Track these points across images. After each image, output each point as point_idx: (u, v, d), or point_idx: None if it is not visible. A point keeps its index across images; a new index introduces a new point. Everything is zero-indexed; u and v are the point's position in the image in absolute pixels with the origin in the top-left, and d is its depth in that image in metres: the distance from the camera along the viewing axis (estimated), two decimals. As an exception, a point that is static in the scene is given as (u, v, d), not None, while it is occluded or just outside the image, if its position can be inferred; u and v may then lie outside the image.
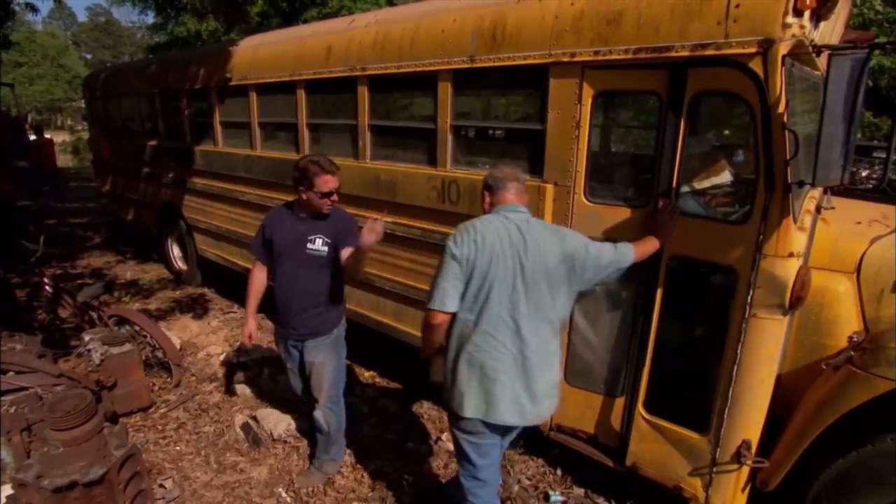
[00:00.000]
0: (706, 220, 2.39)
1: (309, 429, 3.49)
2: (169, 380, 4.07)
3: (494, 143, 3.34)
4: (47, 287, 4.64)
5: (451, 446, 3.36)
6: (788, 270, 2.10)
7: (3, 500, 2.50)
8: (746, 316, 2.18)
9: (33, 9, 10.47)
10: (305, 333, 2.82)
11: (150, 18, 20.58)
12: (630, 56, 2.34)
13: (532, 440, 3.25)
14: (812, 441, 2.13)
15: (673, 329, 2.53)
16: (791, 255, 2.09)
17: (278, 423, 3.45)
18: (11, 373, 3.08)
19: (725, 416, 2.29)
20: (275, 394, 3.92)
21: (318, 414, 2.94)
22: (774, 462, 2.27)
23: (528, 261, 2.01)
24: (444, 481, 3.00)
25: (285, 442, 3.37)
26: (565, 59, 2.57)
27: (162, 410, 3.75)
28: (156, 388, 3.99)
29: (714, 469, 2.38)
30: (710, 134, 3.30)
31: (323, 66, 3.80)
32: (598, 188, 2.71)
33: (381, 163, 3.59)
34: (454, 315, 2.08)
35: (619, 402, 2.74)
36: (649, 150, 2.83)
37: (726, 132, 3.50)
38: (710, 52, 2.11)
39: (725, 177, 2.81)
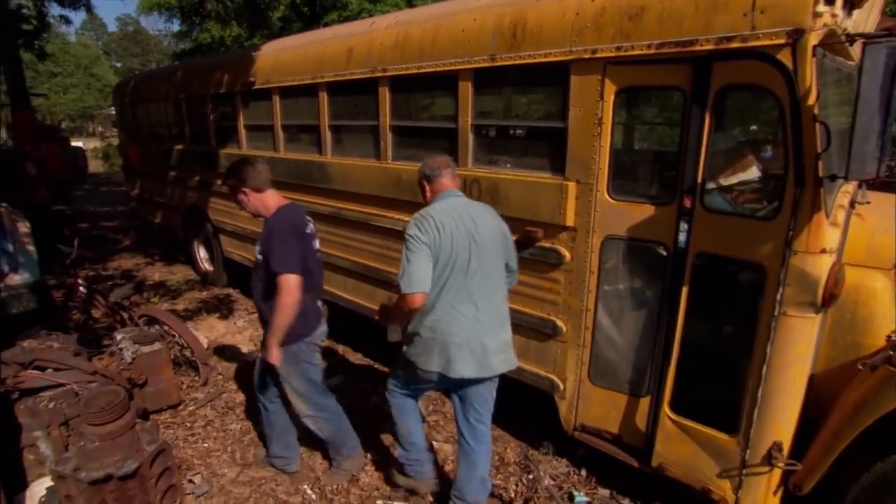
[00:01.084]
0: (733, 216, 2.35)
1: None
2: (197, 378, 4.16)
3: (515, 142, 3.34)
4: (81, 288, 4.80)
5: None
6: (820, 267, 2.05)
7: (44, 492, 2.59)
8: (776, 314, 2.12)
9: (67, 21, 10.88)
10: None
11: (176, 26, 21.14)
12: (653, 51, 2.31)
13: (557, 440, 3.23)
14: (849, 444, 2.07)
15: (699, 327, 2.48)
16: (823, 251, 2.03)
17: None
18: (50, 370, 3.19)
19: (755, 416, 2.24)
20: (299, 392, 3.97)
21: (307, 422, 2.92)
22: (808, 465, 2.21)
23: (479, 237, 2.35)
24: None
25: (310, 440, 3.41)
26: (587, 56, 2.55)
27: (190, 408, 3.84)
28: (184, 386, 4.08)
29: (744, 471, 2.33)
30: (736, 129, 3.24)
31: (344, 68, 3.84)
32: (622, 185, 2.69)
33: (402, 163, 3.61)
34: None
35: (644, 402, 2.70)
36: (673, 146, 2.79)
37: (753, 126, 3.43)
38: (735, 44, 2.07)
39: (752, 172, 2.75)
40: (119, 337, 3.83)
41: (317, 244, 2.83)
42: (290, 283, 2.50)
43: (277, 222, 2.66)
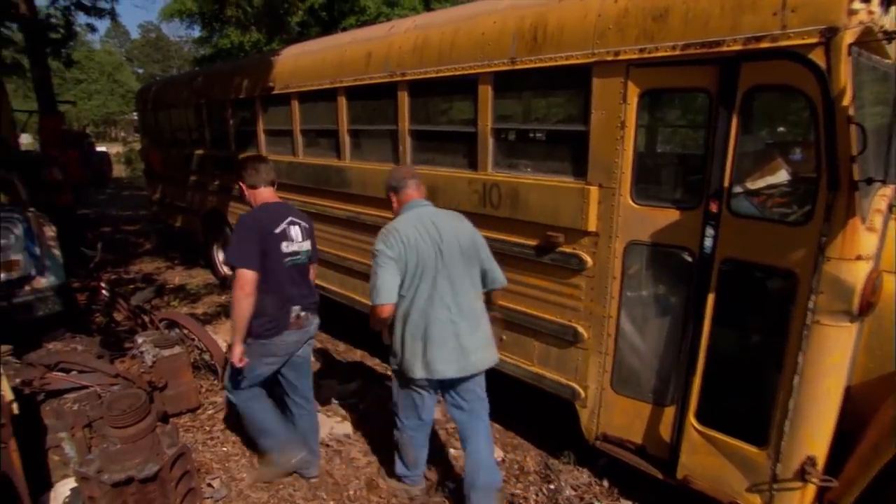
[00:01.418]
0: (761, 221, 2.29)
1: (352, 433, 3.55)
2: (216, 382, 4.21)
3: (536, 146, 3.32)
4: (104, 291, 4.90)
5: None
6: (856, 274, 1.98)
7: (69, 493, 2.64)
8: (808, 322, 2.07)
9: (92, 29, 11.20)
10: None
11: (197, 32, 21.58)
12: (678, 52, 2.28)
13: (578, 449, 3.19)
14: (890, 459, 2.00)
15: (726, 335, 2.43)
16: (859, 257, 1.97)
17: (321, 426, 3.50)
18: (74, 372, 3.26)
19: (786, 429, 2.18)
20: (318, 397, 3.99)
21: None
22: (845, 481, 2.13)
23: (444, 245, 2.48)
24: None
25: (327, 445, 3.43)
26: (609, 58, 2.52)
27: (209, 412, 3.88)
28: (203, 389, 4.13)
29: (775, 486, 2.26)
30: (764, 131, 3.17)
31: (363, 72, 3.87)
32: (645, 190, 2.65)
33: (421, 167, 3.60)
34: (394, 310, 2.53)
35: (669, 412, 2.65)
36: (698, 149, 2.74)
37: (782, 129, 3.36)
38: (765, 44, 2.02)
39: (782, 176, 2.68)
40: (140, 340, 3.89)
41: (288, 247, 2.73)
42: (242, 277, 2.57)
43: (245, 218, 2.72)
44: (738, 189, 2.36)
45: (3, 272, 4.22)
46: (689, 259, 2.47)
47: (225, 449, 3.47)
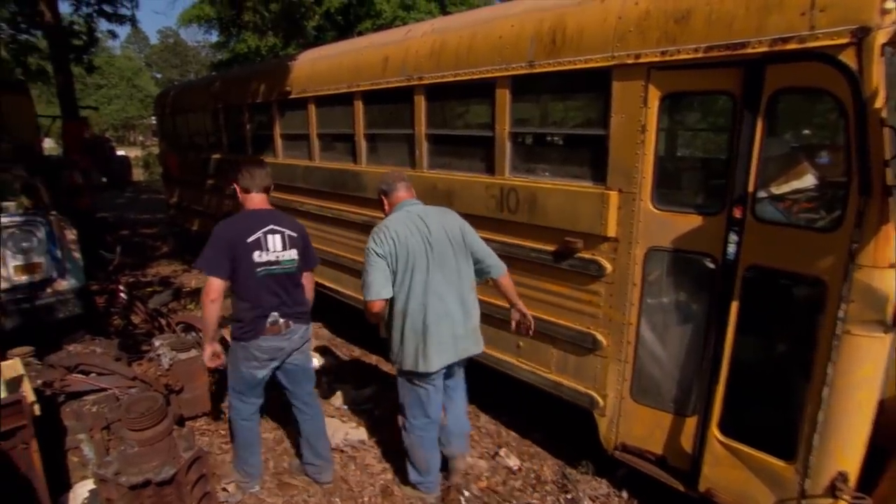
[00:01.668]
0: (787, 227, 2.25)
1: (367, 438, 3.55)
2: (232, 385, 4.24)
3: (554, 150, 3.30)
4: (122, 294, 4.99)
5: (510, 461, 3.31)
6: (889, 282, 1.93)
7: (87, 494, 2.68)
8: (838, 332, 2.01)
9: (113, 35, 11.48)
10: None
11: (214, 37, 21.97)
12: (701, 55, 2.25)
13: (596, 459, 3.15)
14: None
15: (750, 344, 2.38)
16: (893, 265, 1.92)
17: (336, 432, 3.52)
18: (93, 374, 3.31)
19: (816, 442, 2.12)
20: (333, 402, 4.01)
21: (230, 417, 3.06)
22: (880, 498, 2.08)
23: (433, 238, 2.62)
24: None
25: (342, 451, 3.43)
26: (630, 61, 2.50)
27: (225, 416, 3.91)
28: (219, 393, 4.17)
29: (803, 502, 2.20)
30: (790, 134, 3.11)
31: (380, 76, 3.89)
32: (666, 195, 2.62)
33: (438, 172, 3.63)
34: (392, 298, 2.65)
35: (691, 422, 2.60)
36: (721, 153, 2.71)
37: (807, 132, 3.29)
38: (792, 45, 1.99)
39: (808, 180, 2.63)
40: (157, 343, 3.95)
41: (260, 257, 2.71)
42: (208, 284, 2.66)
43: (219, 225, 2.76)
44: (762, 194, 2.32)
45: (27, 275, 4.32)
46: (712, 266, 2.43)
47: (240, 453, 3.49)
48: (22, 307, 4.31)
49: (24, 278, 4.34)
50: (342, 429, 3.57)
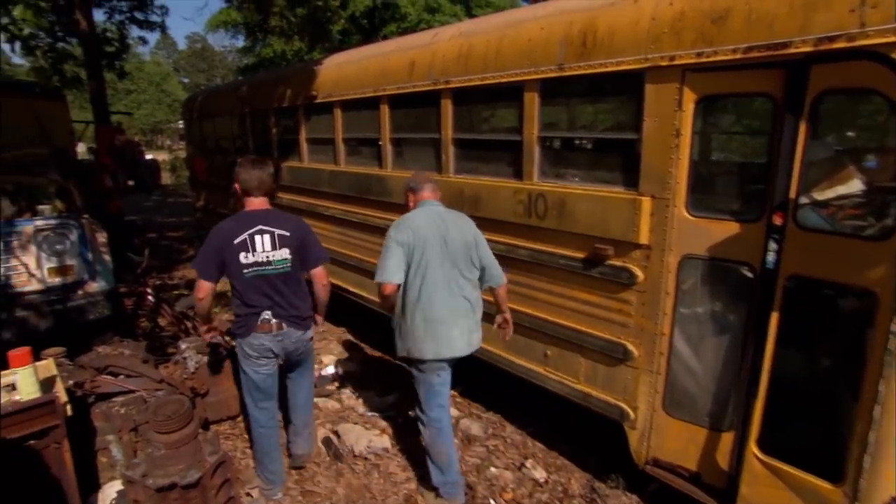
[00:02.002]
0: (832, 235, 2.18)
1: (390, 447, 3.56)
2: (256, 390, 4.31)
3: (584, 155, 3.28)
4: (150, 297, 5.12)
5: (536, 473, 3.29)
6: (944, 295, 1.86)
7: (115, 495, 2.75)
8: (891, 347, 1.94)
9: (144, 41, 11.87)
10: None
11: (241, 42, 22.52)
12: (739, 56, 2.21)
13: (626, 473, 3.09)
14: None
15: (792, 358, 2.31)
16: (947, 276, 1.85)
17: (359, 438, 3.54)
18: (122, 376, 3.41)
19: (867, 465, 2.04)
20: (356, 409, 4.04)
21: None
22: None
23: (449, 238, 2.82)
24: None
25: (366, 459, 3.45)
26: (664, 63, 2.47)
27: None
28: (244, 397, 4.24)
29: (850, 525, 2.13)
30: (833, 137, 3.02)
31: (406, 80, 3.93)
32: (702, 201, 2.57)
33: (464, 177, 3.64)
34: (405, 287, 2.84)
35: (727, 438, 2.54)
36: (761, 158, 2.64)
37: (853, 134, 3.19)
38: (839, 44, 1.93)
39: (855, 185, 2.54)
40: (183, 346, 4.04)
41: (247, 258, 2.76)
42: (197, 284, 2.82)
43: (213, 229, 2.85)
44: (805, 200, 2.26)
45: (59, 277, 4.48)
46: (750, 275, 2.37)
47: (264, 458, 3.54)
48: (55, 308, 4.48)
49: (57, 280, 4.50)
50: (365, 436, 3.59)
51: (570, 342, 3.14)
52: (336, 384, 4.44)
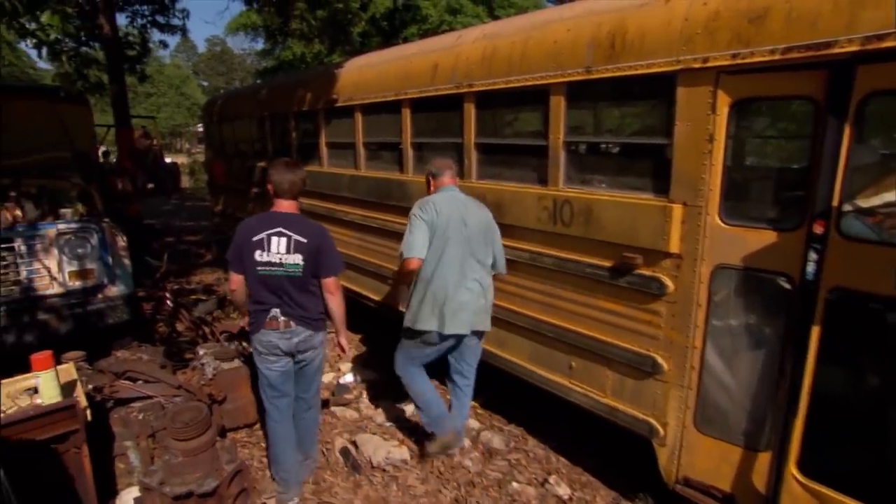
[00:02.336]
0: (879, 245, 2.12)
1: (409, 458, 3.56)
2: (273, 397, 4.35)
3: (612, 160, 3.25)
4: (168, 302, 5.22)
5: (560, 490, 3.25)
6: None
7: (132, 502, 2.80)
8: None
9: (164, 45, 12.15)
10: None
11: (260, 45, 22.96)
12: (778, 57, 2.17)
13: (655, 492, 3.04)
14: None
15: (835, 375, 2.25)
16: None
17: (377, 449, 3.55)
18: (140, 381, 3.48)
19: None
20: (375, 418, 4.05)
21: None
22: None
23: (469, 222, 3.15)
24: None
25: (384, 470, 3.45)
26: (696, 66, 2.44)
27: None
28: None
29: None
30: (879, 140, 2.94)
31: (429, 84, 3.95)
32: (736, 208, 2.52)
33: (487, 182, 3.64)
34: (421, 265, 3.14)
35: (764, 458, 2.48)
36: (800, 162, 2.59)
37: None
38: (889, 43, 1.88)
39: (902, 193, 2.47)
40: (201, 352, 4.11)
41: (261, 257, 2.89)
42: (230, 276, 3.07)
43: (240, 223, 3.05)
44: (848, 207, 2.19)
45: (80, 280, 4.59)
46: (788, 286, 2.32)
47: (280, 467, 3.57)
48: (75, 312, 4.59)
49: (77, 284, 4.61)
50: (384, 447, 3.59)
51: (597, 354, 3.10)
52: (354, 393, 4.46)
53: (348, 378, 4.67)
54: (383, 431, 3.88)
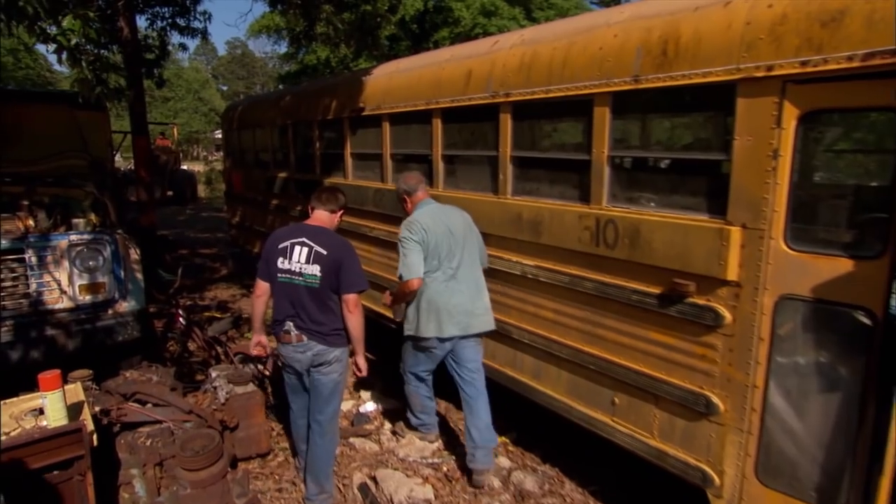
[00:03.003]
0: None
1: (434, 498, 3.50)
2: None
3: (661, 177, 3.21)
4: (181, 319, 5.30)
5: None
6: None
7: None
8: None
9: (184, 48, 12.57)
10: None
11: (283, 48, 23.59)
12: (856, 64, 2.10)
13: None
14: None
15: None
16: None
17: (399, 487, 3.50)
18: (149, 404, 3.53)
19: None
20: (397, 452, 4.01)
21: None
22: None
23: (455, 230, 3.58)
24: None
25: (405, 511, 3.41)
26: (759, 74, 2.39)
27: (279, 459, 4.02)
28: (274, 433, 4.30)
29: None
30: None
31: (462, 92, 3.97)
32: (805, 232, 2.44)
33: (523, 199, 3.62)
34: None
35: (838, 518, 2.35)
36: (882, 179, 2.50)
37: None
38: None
39: None
40: (214, 374, 4.15)
41: (282, 264, 3.14)
42: (256, 282, 3.34)
43: (274, 230, 3.39)
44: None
45: (90, 294, 4.71)
46: (868, 322, 2.21)
47: (295, 501, 3.56)
48: (84, 328, 4.69)
49: (87, 298, 4.72)
50: (406, 484, 3.55)
51: (643, 390, 3.02)
52: (375, 423, 4.44)
53: (369, 406, 4.66)
54: (406, 467, 3.84)
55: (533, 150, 3.72)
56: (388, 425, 4.41)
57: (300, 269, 3.10)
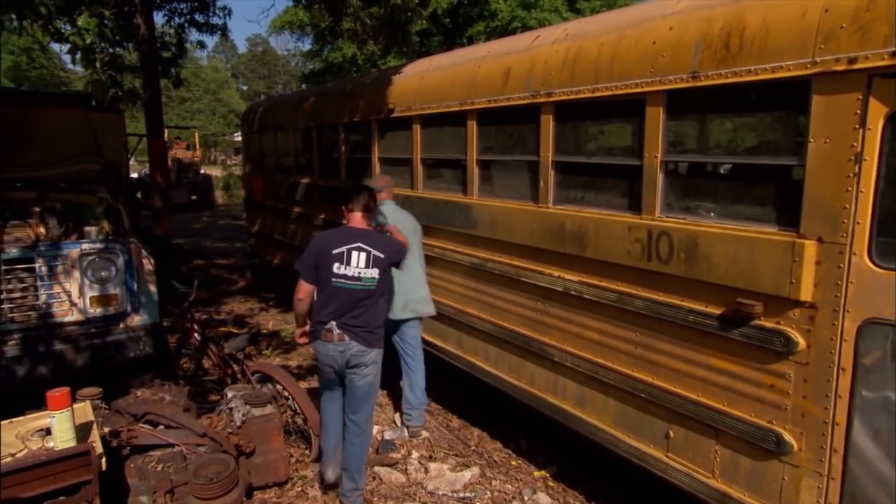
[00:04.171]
0: None
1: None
2: (307, 451, 4.38)
3: (722, 184, 3.14)
4: (196, 335, 5.39)
5: None
6: None
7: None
8: None
9: (202, 45, 12.93)
10: None
11: (307, 45, 24.06)
12: (957, 57, 2.01)
13: None
14: None
15: None
16: None
17: (427, 525, 3.47)
18: (161, 426, 3.58)
19: None
20: (425, 485, 3.98)
21: None
22: None
23: (408, 227, 4.40)
24: None
25: (435, 551, 3.37)
26: (839, 68, 2.32)
27: (298, 488, 4.02)
28: (293, 459, 4.31)
29: None
30: None
31: (499, 92, 3.97)
32: (894, 248, 2.33)
33: (566, 207, 3.58)
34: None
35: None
36: None
37: None
38: None
39: None
40: (230, 395, 4.19)
41: (339, 269, 3.44)
42: (298, 284, 3.58)
43: (317, 234, 3.70)
44: None
45: (101, 307, 4.81)
46: (968, 351, 2.10)
47: (313, 538, 3.56)
48: (94, 342, 4.79)
49: (98, 311, 4.82)
50: (435, 522, 3.51)
51: (702, 422, 2.94)
52: (402, 451, 4.41)
53: (396, 433, 4.64)
54: (434, 501, 3.80)
55: (577, 155, 3.68)
56: (415, 454, 4.38)
57: (359, 273, 3.44)
